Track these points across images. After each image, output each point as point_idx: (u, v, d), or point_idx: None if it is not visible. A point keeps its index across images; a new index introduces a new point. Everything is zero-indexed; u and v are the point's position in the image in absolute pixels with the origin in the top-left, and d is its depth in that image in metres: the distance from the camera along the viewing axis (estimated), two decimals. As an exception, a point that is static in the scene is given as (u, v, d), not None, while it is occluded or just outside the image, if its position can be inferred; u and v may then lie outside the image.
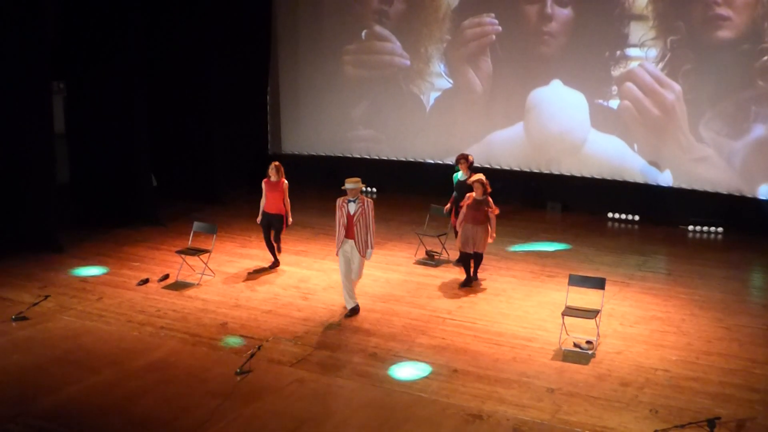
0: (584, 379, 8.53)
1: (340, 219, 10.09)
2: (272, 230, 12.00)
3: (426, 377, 8.58)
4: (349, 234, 10.07)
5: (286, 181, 11.93)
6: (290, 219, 12.02)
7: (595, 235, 14.23)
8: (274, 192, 11.88)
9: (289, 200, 11.93)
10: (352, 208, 10.01)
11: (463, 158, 12.22)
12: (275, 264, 12.17)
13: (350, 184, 10.03)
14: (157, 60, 15.44)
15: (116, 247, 13.17)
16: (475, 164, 12.77)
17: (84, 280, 11.58)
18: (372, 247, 10.14)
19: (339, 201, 10.14)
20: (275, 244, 12.09)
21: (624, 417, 7.74)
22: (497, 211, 11.21)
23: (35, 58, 12.57)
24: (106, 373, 8.65)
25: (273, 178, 11.88)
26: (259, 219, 12.04)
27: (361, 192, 10.20)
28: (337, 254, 10.28)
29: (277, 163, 12.05)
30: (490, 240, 11.26)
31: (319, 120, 18.10)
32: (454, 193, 12.21)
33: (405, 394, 8.19)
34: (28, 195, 12.83)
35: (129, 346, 9.34)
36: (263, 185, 11.97)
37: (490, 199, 11.18)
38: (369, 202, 10.08)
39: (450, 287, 11.40)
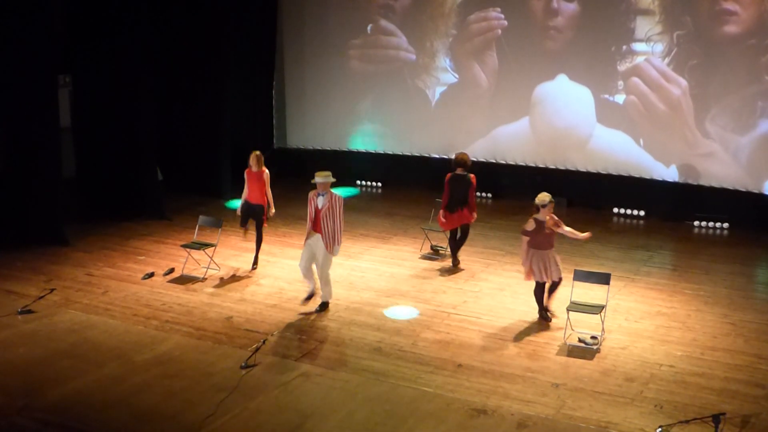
0: (589, 375, 8.53)
1: (309, 212, 10.10)
2: (253, 220, 11.85)
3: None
4: (316, 228, 10.03)
5: (267, 171, 11.74)
6: (272, 210, 11.80)
7: (601, 230, 14.18)
8: (256, 182, 11.72)
9: (270, 190, 11.75)
10: (320, 202, 9.97)
11: (463, 162, 12.02)
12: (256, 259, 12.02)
13: (320, 177, 9.99)
14: (164, 54, 15.43)
15: (122, 241, 13.20)
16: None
17: (90, 274, 11.61)
18: (339, 243, 10.07)
19: (310, 194, 10.12)
20: (257, 238, 11.92)
21: (629, 412, 7.74)
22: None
23: (42, 51, 12.58)
24: (112, 367, 8.67)
25: (254, 168, 11.71)
26: (239, 208, 11.90)
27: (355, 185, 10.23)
28: (303, 245, 10.24)
29: (257, 152, 11.85)
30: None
31: (324, 114, 18.09)
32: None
33: (409, 389, 8.20)
34: (34, 189, 12.85)
35: (134, 340, 9.36)
36: (245, 175, 11.85)
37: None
38: (338, 198, 10.00)
39: (455, 282, 11.40)
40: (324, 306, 10.33)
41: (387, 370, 8.61)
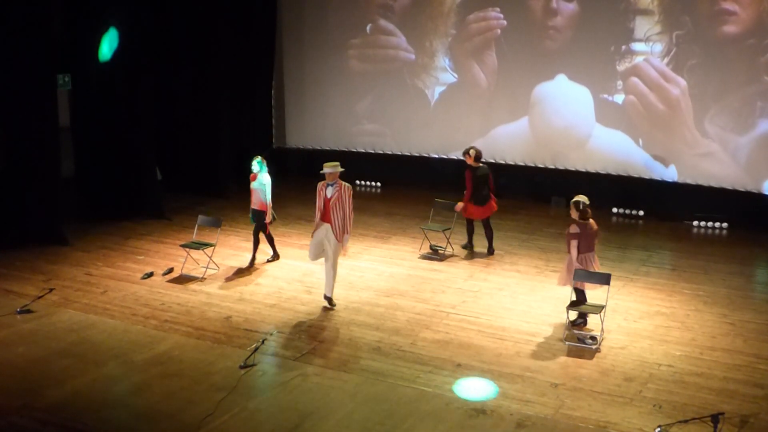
0: (588, 374, 8.53)
1: (318, 203, 10.15)
2: (258, 226, 11.85)
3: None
4: (325, 218, 10.08)
5: (268, 177, 11.69)
6: (268, 217, 11.68)
7: (600, 230, 14.17)
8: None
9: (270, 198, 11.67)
10: (330, 192, 10.03)
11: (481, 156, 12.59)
12: (253, 261, 11.95)
13: (328, 168, 10.05)
14: (163, 53, 15.43)
15: (121, 241, 13.19)
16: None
17: (89, 273, 11.61)
18: (348, 233, 10.11)
19: (319, 185, 10.18)
20: (261, 241, 11.92)
21: (628, 412, 7.74)
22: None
23: (40, 50, 12.57)
24: (111, 366, 8.67)
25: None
26: (250, 213, 12.00)
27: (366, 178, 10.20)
28: (312, 236, 10.28)
29: (259, 157, 11.82)
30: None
31: (323, 114, 18.10)
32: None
33: (408, 388, 8.20)
34: (33, 188, 12.84)
35: (133, 339, 9.36)
36: (251, 180, 11.83)
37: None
38: (347, 188, 10.07)
39: (454, 281, 11.40)
40: (329, 300, 10.35)
41: (386, 370, 8.61)
